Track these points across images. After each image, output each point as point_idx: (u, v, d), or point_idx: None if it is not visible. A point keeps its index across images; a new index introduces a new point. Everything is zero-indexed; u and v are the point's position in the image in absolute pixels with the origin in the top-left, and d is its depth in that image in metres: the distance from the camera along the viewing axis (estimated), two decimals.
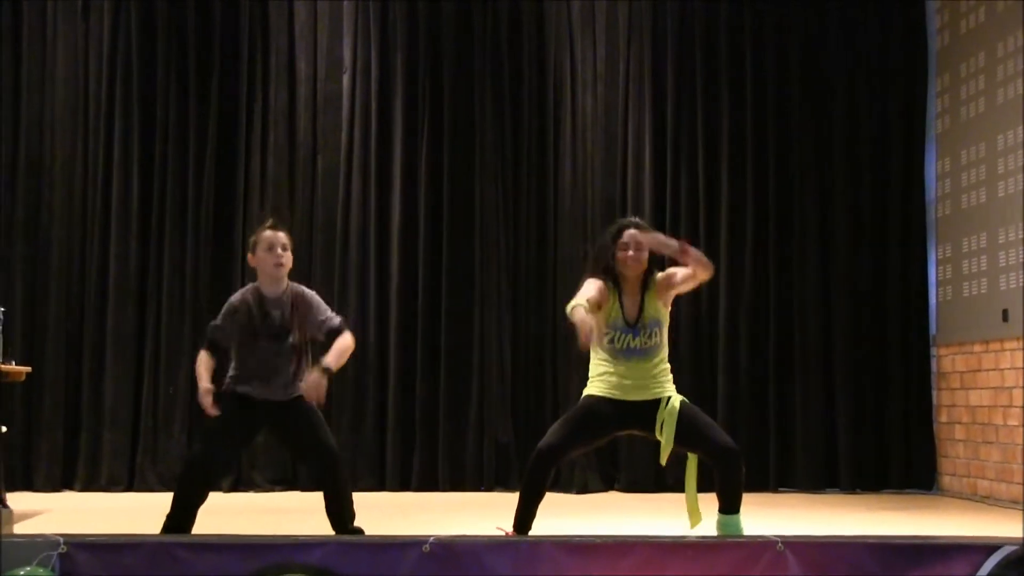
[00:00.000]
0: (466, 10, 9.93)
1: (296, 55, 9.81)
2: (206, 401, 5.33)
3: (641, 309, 5.62)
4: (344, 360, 5.58)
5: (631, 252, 5.57)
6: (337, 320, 5.67)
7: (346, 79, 9.85)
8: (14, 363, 7.41)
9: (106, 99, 9.58)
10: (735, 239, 9.92)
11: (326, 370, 5.41)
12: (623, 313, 5.58)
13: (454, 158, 9.82)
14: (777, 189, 10.01)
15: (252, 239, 5.62)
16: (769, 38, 10.09)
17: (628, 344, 5.56)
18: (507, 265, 9.80)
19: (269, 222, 5.71)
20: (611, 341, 5.57)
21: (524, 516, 5.45)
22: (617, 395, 5.54)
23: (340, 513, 5.45)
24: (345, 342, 5.58)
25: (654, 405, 5.54)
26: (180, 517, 5.29)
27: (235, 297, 5.64)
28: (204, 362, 5.49)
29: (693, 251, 5.49)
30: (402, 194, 9.76)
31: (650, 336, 5.61)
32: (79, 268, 9.48)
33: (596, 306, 5.47)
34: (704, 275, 5.63)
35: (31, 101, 9.52)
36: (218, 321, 5.60)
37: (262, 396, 5.46)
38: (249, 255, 5.62)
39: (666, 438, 5.47)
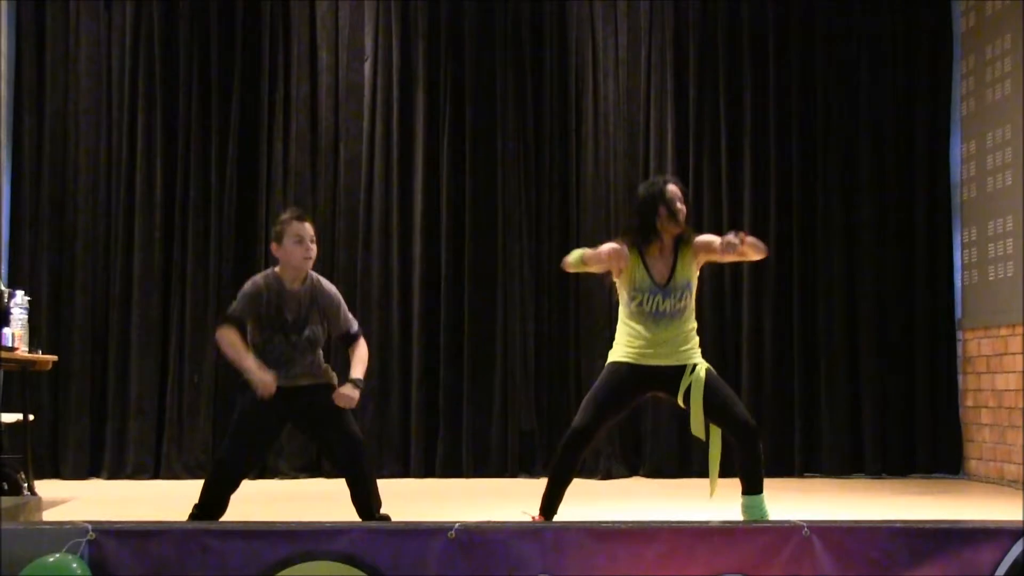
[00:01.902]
0: None
1: (318, 45, 9.81)
2: (264, 377, 5.25)
3: (673, 270, 5.52)
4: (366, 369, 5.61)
5: (678, 205, 5.50)
6: (355, 327, 5.69)
7: (367, 68, 9.85)
8: (40, 352, 7.46)
9: (129, 90, 9.61)
10: (758, 224, 9.88)
11: (357, 383, 5.47)
12: (650, 275, 5.48)
13: (476, 146, 9.82)
14: (801, 173, 9.97)
15: (277, 228, 5.56)
16: (793, 23, 10.05)
17: (658, 306, 5.47)
18: (530, 252, 9.79)
19: (295, 212, 5.66)
20: (640, 304, 5.48)
21: (552, 500, 5.45)
22: (643, 361, 5.48)
23: (367, 501, 5.44)
24: (364, 351, 5.64)
25: (679, 371, 5.49)
26: (209, 511, 5.30)
27: (257, 280, 5.55)
28: (237, 341, 5.40)
29: (750, 239, 5.40)
30: (424, 182, 9.77)
31: (680, 298, 5.53)
32: (104, 258, 9.52)
33: (596, 260, 5.40)
34: (757, 256, 5.55)
35: (55, 93, 9.56)
36: (236, 306, 5.50)
37: (286, 383, 5.42)
38: (274, 244, 5.57)
39: (695, 407, 5.44)
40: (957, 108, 10.00)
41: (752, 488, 5.52)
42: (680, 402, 5.50)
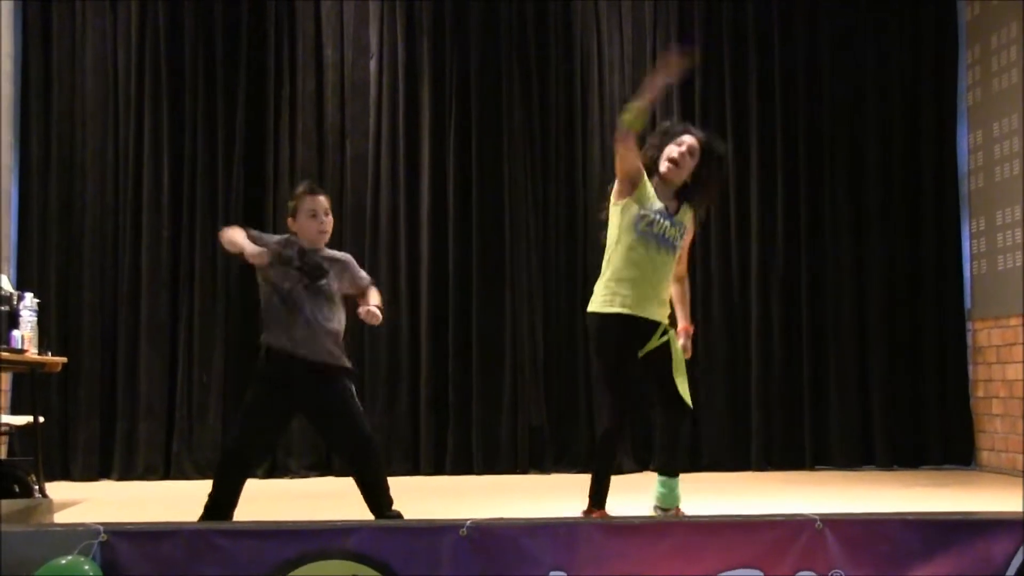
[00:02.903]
0: None
1: (323, 42, 9.81)
2: (263, 255, 5.19)
3: (678, 210, 5.46)
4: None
5: (684, 148, 5.44)
6: (368, 278, 5.61)
7: (373, 65, 9.85)
8: (50, 354, 7.46)
9: (135, 90, 9.62)
10: (766, 219, 9.89)
11: (377, 306, 5.39)
12: (660, 199, 5.40)
13: (482, 142, 9.81)
14: (808, 166, 9.96)
15: (292, 203, 5.48)
16: (797, 16, 10.04)
17: (666, 232, 5.34)
18: (537, 248, 9.79)
19: (309, 184, 5.60)
20: (649, 225, 5.32)
21: (604, 491, 5.38)
22: (629, 311, 5.30)
23: (377, 499, 5.42)
24: (376, 294, 5.55)
25: (654, 328, 5.36)
26: (222, 504, 5.28)
27: (284, 236, 5.48)
28: (237, 231, 5.30)
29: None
30: (431, 179, 9.76)
31: (680, 235, 5.42)
32: (112, 259, 9.53)
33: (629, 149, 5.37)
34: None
35: (62, 93, 9.57)
36: (258, 232, 5.43)
37: (306, 354, 5.26)
38: (289, 219, 5.49)
39: (678, 370, 5.35)
40: (963, 98, 9.98)
41: (673, 470, 5.44)
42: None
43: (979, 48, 9.76)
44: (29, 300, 7.00)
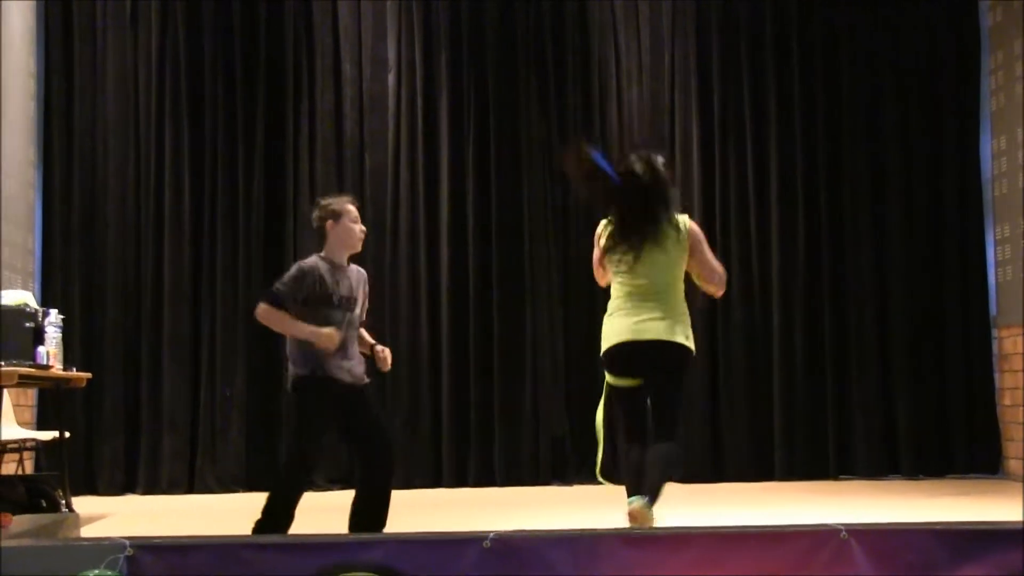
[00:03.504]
0: (509, 6, 9.93)
1: (341, 56, 9.85)
2: (327, 330, 5.33)
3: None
4: None
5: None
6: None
7: (391, 78, 9.87)
8: (75, 370, 7.50)
9: (156, 106, 9.67)
10: (787, 227, 9.87)
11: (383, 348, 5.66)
12: None
13: (500, 153, 9.83)
14: (829, 174, 9.94)
15: (332, 207, 5.59)
16: (816, 21, 10.02)
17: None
18: (557, 260, 9.79)
19: (350, 195, 5.85)
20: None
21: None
22: None
23: (384, 511, 5.55)
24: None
25: None
26: (280, 518, 5.39)
27: (306, 262, 5.57)
28: (285, 316, 5.40)
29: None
30: (450, 191, 9.78)
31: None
32: (134, 275, 9.57)
33: None
34: None
35: (83, 110, 9.62)
36: (284, 282, 5.50)
37: (345, 377, 5.46)
38: (329, 222, 5.58)
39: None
40: (986, 103, 9.94)
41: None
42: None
43: (1002, 54, 9.72)
44: (54, 316, 7.04)
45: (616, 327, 5.43)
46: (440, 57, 9.90)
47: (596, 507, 7.37)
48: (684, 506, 7.66)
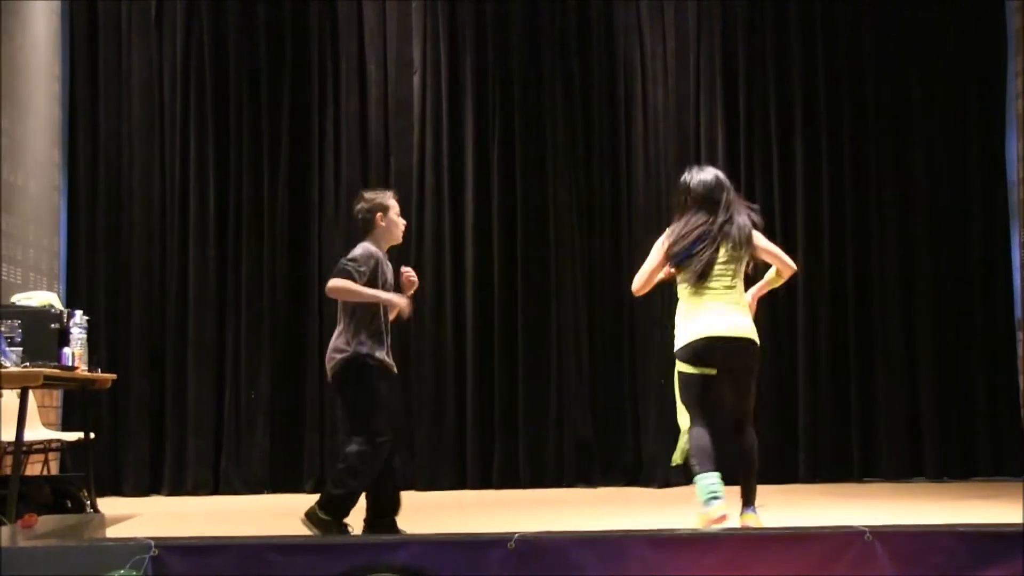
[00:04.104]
0: (534, 8, 9.93)
1: (366, 58, 9.87)
2: (402, 299, 5.81)
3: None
4: None
5: None
6: None
7: (416, 80, 9.89)
8: (100, 371, 7.54)
9: (181, 109, 9.71)
10: (812, 229, 9.84)
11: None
12: None
13: (526, 155, 9.83)
14: (854, 178, 9.91)
15: (380, 200, 5.97)
16: (842, 25, 10.00)
17: None
18: (582, 261, 9.79)
19: (392, 190, 6.15)
20: None
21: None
22: None
23: (398, 494, 5.87)
24: None
25: None
26: (385, 507, 5.80)
27: (369, 246, 5.86)
28: (359, 285, 5.67)
29: None
30: (475, 193, 9.79)
31: None
32: (159, 278, 9.61)
33: None
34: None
35: (108, 114, 9.67)
36: (355, 258, 5.75)
37: (389, 361, 5.84)
38: (379, 214, 5.94)
39: None
40: (1012, 106, 9.89)
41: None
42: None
43: None
44: (79, 318, 7.07)
45: None
46: (465, 58, 9.91)
47: (621, 509, 7.37)
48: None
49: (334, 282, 5.64)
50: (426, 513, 7.32)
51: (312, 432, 9.45)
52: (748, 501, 5.72)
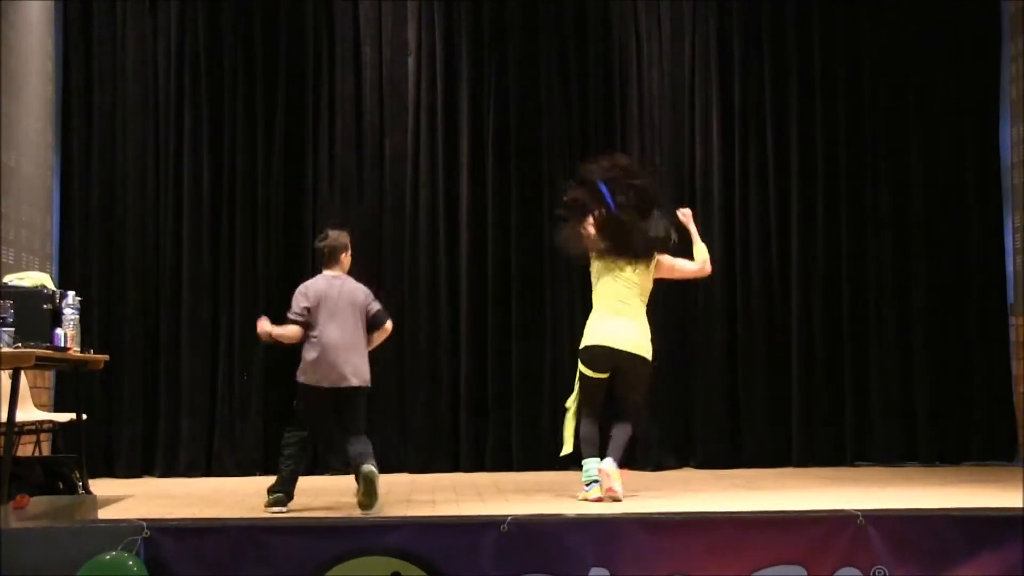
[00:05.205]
0: None
1: (361, 40, 9.83)
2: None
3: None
4: None
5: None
6: None
7: (411, 62, 9.85)
8: (92, 352, 7.52)
9: (175, 91, 9.67)
10: (806, 212, 9.84)
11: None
12: None
13: (521, 139, 9.81)
14: (849, 160, 9.90)
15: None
16: (838, 7, 9.98)
17: None
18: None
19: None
20: None
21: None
22: None
23: None
24: None
25: None
26: None
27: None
28: None
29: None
30: (470, 177, 9.77)
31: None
32: (153, 257, 9.58)
33: None
34: None
35: (103, 94, 9.63)
36: None
37: None
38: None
39: None
40: (1006, 91, 9.88)
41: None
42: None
43: (1022, 40, 9.66)
44: (72, 298, 7.05)
45: None
46: (461, 42, 9.87)
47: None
48: (702, 491, 7.67)
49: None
50: (419, 495, 7.32)
51: None
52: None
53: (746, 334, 9.69)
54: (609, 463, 6.71)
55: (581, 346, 7.07)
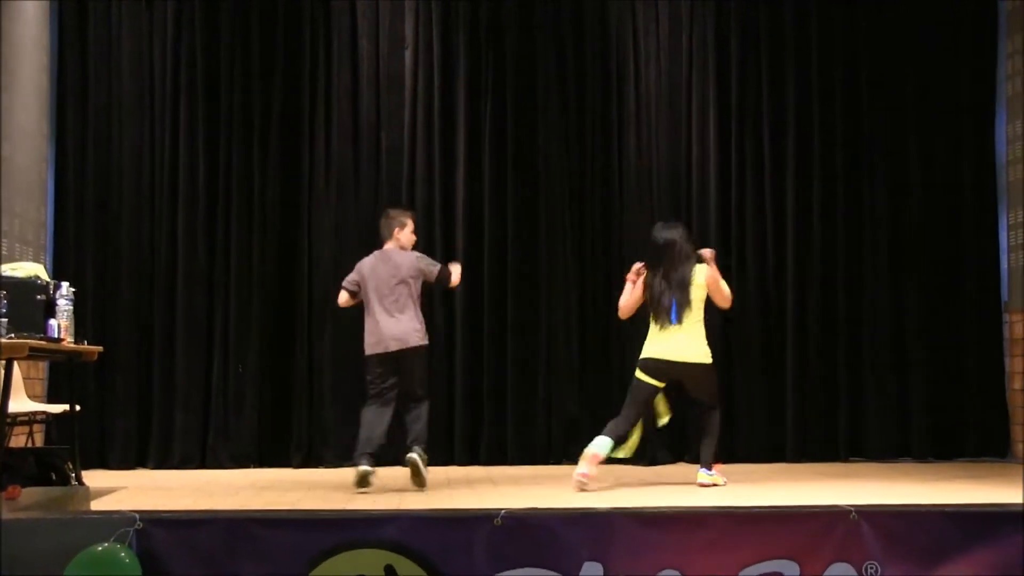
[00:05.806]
0: None
1: (358, 34, 9.80)
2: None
3: None
4: None
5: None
6: None
7: (408, 56, 9.83)
8: (86, 343, 7.50)
9: (171, 84, 9.64)
10: (803, 210, 9.84)
11: None
12: None
13: (517, 134, 9.80)
14: (845, 157, 9.91)
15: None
16: (835, 6, 9.97)
17: None
18: (573, 239, 9.77)
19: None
20: None
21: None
22: None
23: None
24: None
25: None
26: None
27: None
28: None
29: None
30: (466, 172, 9.75)
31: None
32: (148, 249, 9.56)
33: None
34: None
35: (98, 86, 9.60)
36: None
37: None
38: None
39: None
40: (1002, 87, 9.88)
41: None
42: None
43: (1019, 38, 9.66)
44: (65, 289, 7.02)
45: None
46: (458, 37, 9.85)
47: (609, 486, 7.38)
48: (695, 486, 7.67)
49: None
50: (413, 489, 7.32)
51: (300, 407, 9.43)
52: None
53: (741, 331, 9.69)
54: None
55: (640, 357, 7.52)
